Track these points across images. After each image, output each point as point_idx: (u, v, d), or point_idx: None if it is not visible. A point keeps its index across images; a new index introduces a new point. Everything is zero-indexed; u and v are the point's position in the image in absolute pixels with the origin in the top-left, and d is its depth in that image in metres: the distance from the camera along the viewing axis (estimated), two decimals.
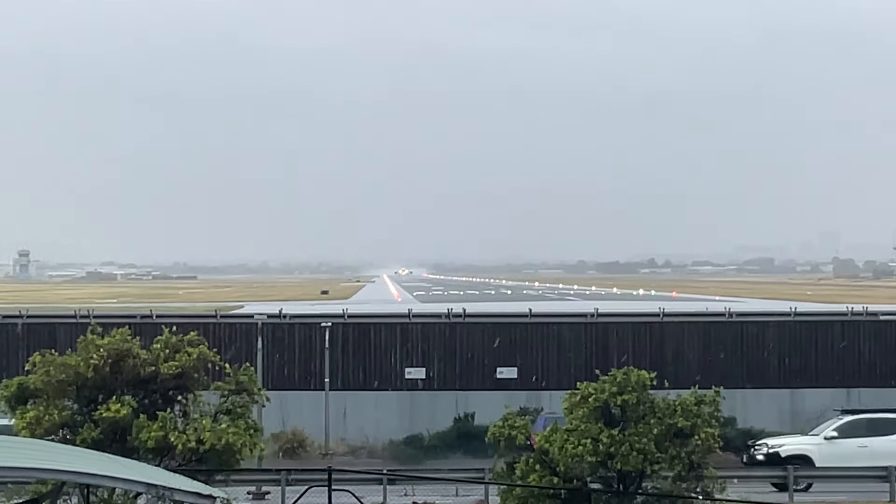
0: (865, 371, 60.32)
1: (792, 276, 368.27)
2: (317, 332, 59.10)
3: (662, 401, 30.17)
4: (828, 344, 60.96)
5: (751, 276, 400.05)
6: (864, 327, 61.56)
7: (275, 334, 59.90)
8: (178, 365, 30.63)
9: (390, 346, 60.57)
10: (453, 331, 60.99)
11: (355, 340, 60.51)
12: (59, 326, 59.80)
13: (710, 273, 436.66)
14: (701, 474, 29.97)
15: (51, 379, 30.32)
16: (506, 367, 60.04)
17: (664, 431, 29.52)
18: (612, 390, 29.95)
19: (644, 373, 30.37)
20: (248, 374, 31.75)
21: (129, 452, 28.81)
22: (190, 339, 31.43)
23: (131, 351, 30.83)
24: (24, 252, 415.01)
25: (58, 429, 29.85)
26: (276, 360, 59.18)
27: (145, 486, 19.10)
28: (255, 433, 30.93)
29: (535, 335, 60.91)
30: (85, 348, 30.80)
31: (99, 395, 30.48)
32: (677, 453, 29.46)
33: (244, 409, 31.13)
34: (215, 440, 29.38)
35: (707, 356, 59.90)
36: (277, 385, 55.45)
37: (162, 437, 29.36)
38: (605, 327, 61.46)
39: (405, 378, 60.05)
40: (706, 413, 30.07)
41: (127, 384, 30.57)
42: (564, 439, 29.48)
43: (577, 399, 30.44)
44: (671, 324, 61.83)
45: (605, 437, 29.21)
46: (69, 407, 30.58)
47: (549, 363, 60.12)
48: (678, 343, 60.41)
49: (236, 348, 57.06)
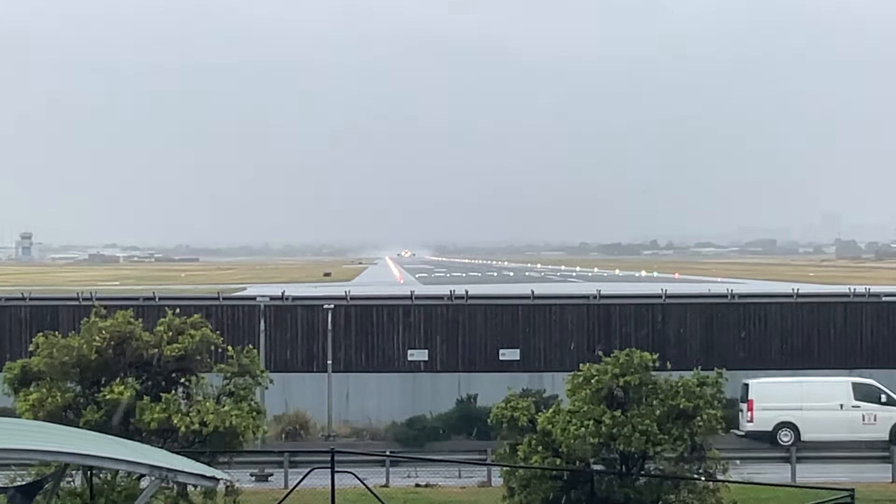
0: (868, 352, 60.37)
1: (794, 258, 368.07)
2: (319, 314, 59.16)
3: (665, 382, 30.18)
4: (830, 325, 61.00)
5: (753, 257, 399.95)
6: (866, 308, 61.60)
7: (277, 316, 59.96)
8: (181, 347, 30.62)
9: (393, 327, 60.64)
10: (456, 313, 61.04)
11: (358, 322, 60.58)
12: (61, 308, 59.88)
13: (713, 255, 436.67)
14: (703, 455, 29.99)
15: (54, 361, 30.32)
16: (508, 349, 60.11)
17: (667, 413, 29.53)
18: (615, 372, 29.96)
19: (647, 354, 30.37)
20: (251, 357, 31.75)
21: (132, 434, 28.83)
22: (193, 322, 31.42)
23: (134, 333, 30.82)
24: (26, 234, 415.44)
25: (61, 411, 29.84)
26: (278, 342, 59.26)
27: (148, 468, 19.10)
28: (257, 415, 30.92)
29: (537, 317, 60.96)
30: (88, 330, 30.79)
31: (102, 377, 30.49)
32: (680, 434, 29.47)
33: (247, 392, 31.13)
34: (218, 422, 29.38)
35: (710, 337, 59.97)
36: (280, 367, 55.58)
37: (165, 419, 29.37)
38: (607, 309, 61.50)
39: (408, 360, 60.13)
40: (709, 394, 30.07)
41: (129, 366, 30.57)
42: (567, 421, 29.50)
43: (580, 381, 30.46)
44: (673, 305, 61.86)
45: (608, 419, 29.23)
46: (72, 389, 30.60)
47: (552, 345, 60.18)
48: (680, 324, 60.47)
49: (239, 330, 57.13)
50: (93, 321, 31.07)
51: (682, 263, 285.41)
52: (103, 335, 30.64)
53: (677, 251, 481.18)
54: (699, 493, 29.47)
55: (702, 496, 29.42)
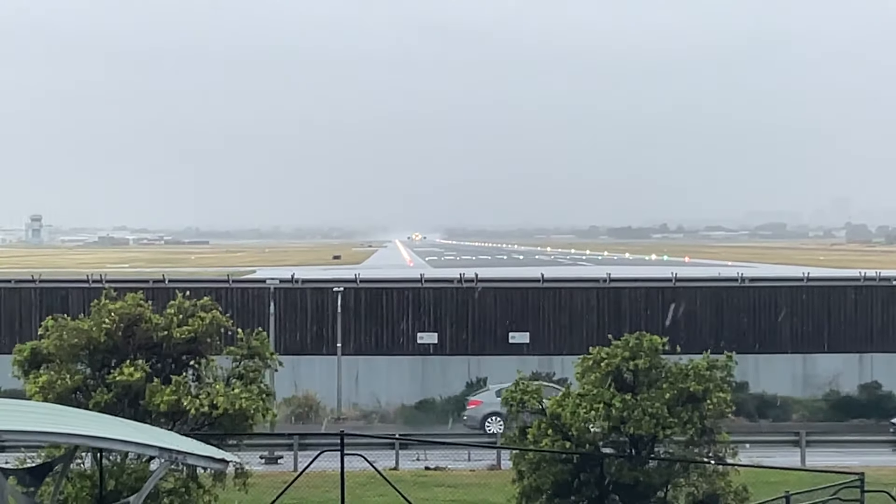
0: (878, 336, 60.30)
1: (804, 242, 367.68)
2: (329, 296, 59.20)
3: (675, 366, 30.14)
4: (840, 309, 60.92)
5: (763, 241, 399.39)
6: (876, 292, 61.50)
7: (287, 299, 59.99)
8: (191, 330, 30.59)
9: (402, 311, 60.65)
10: (465, 296, 61.03)
11: (367, 305, 60.59)
12: (71, 291, 59.99)
13: (723, 238, 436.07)
14: (713, 439, 29.95)
15: (63, 343, 30.31)
16: (518, 332, 60.11)
17: (676, 396, 29.49)
18: (625, 355, 29.92)
19: (656, 338, 30.32)
20: (261, 339, 31.72)
21: (142, 416, 28.85)
22: (203, 304, 31.40)
23: (144, 315, 30.80)
24: (36, 217, 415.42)
25: (70, 393, 29.84)
26: (288, 325, 59.31)
27: (158, 450, 19.13)
28: (267, 398, 30.90)
29: (547, 300, 60.95)
30: (98, 313, 30.78)
31: (112, 359, 30.50)
32: (689, 418, 29.44)
33: (257, 374, 31.12)
34: (228, 405, 29.37)
35: (720, 320, 59.95)
36: (290, 350, 55.59)
37: (175, 401, 29.37)
38: (617, 292, 61.47)
39: (417, 343, 60.15)
40: (718, 378, 30.02)
41: (139, 348, 30.56)
42: (577, 404, 29.46)
43: (590, 364, 30.42)
44: (683, 289, 61.80)
45: (618, 402, 29.20)
46: (82, 371, 30.60)
47: (562, 328, 60.16)
48: (690, 308, 60.42)
49: (249, 313, 57.16)
50: (103, 303, 31.06)
51: (692, 247, 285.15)
52: (113, 317, 30.62)
53: (687, 235, 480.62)
54: (709, 476, 29.45)
55: (711, 479, 29.40)
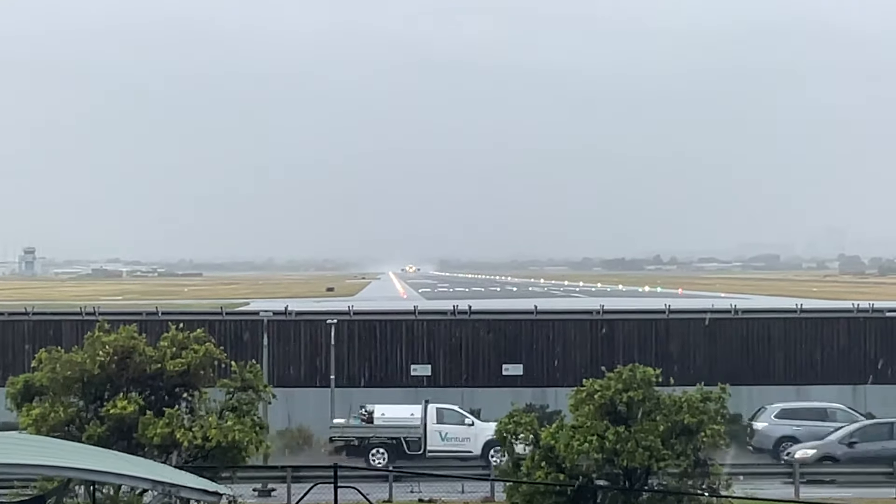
0: (871, 368, 60.30)
1: (798, 273, 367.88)
2: (322, 328, 59.12)
3: (668, 397, 30.15)
4: (834, 341, 60.93)
5: (756, 272, 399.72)
6: (870, 324, 61.52)
7: (280, 331, 59.92)
8: (185, 362, 30.65)
9: (396, 342, 60.62)
10: (459, 328, 61.02)
11: (361, 337, 60.55)
12: (64, 323, 59.84)
13: (716, 270, 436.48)
14: (707, 471, 29.96)
15: (57, 376, 30.34)
16: (511, 364, 60.07)
17: (670, 428, 29.50)
18: (618, 387, 29.94)
19: (650, 369, 30.35)
20: (254, 371, 31.77)
21: (135, 449, 28.83)
22: (196, 337, 31.44)
23: (137, 348, 30.84)
24: (29, 249, 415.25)
25: (64, 426, 29.86)
26: (281, 357, 59.21)
27: (151, 483, 19.11)
28: (260, 430, 30.93)
29: (540, 332, 60.93)
30: (91, 345, 30.82)
31: (105, 391, 30.50)
32: (683, 450, 29.44)
33: (250, 407, 31.15)
34: (221, 437, 29.39)
35: (714, 353, 59.94)
36: (283, 382, 55.51)
37: (168, 433, 29.37)
38: (610, 324, 61.46)
39: (411, 375, 60.08)
40: (712, 410, 30.05)
41: (133, 381, 30.58)
42: (570, 436, 29.47)
43: (583, 396, 30.44)
44: (677, 321, 61.80)
45: (612, 434, 29.20)
46: (75, 404, 30.60)
47: (555, 360, 60.13)
48: (684, 340, 60.42)
49: (242, 345, 57.10)
50: (96, 336, 31.11)
51: (685, 279, 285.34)
52: (107, 350, 30.67)
53: (680, 266, 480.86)
54: None
55: None
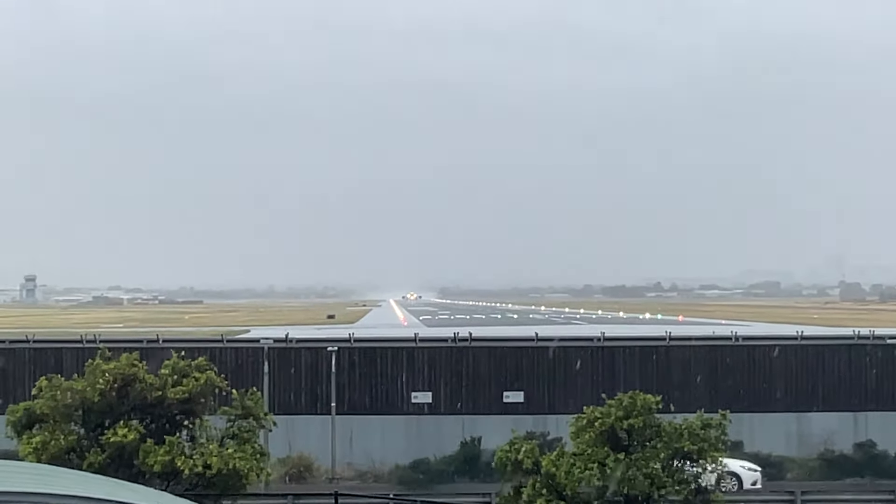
0: (872, 395, 60.21)
1: (798, 300, 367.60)
2: (323, 356, 59.08)
3: (669, 425, 30.14)
4: (834, 368, 60.87)
5: (757, 299, 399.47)
6: (870, 351, 61.47)
7: (281, 359, 59.87)
8: (186, 390, 30.66)
9: (397, 370, 60.56)
10: (459, 355, 60.98)
11: (361, 365, 60.50)
12: (65, 351, 59.78)
13: (717, 297, 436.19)
14: (708, 498, 29.94)
15: (57, 404, 30.34)
16: (512, 392, 60.00)
17: (671, 455, 29.49)
18: (619, 414, 29.94)
19: (650, 397, 30.35)
20: (255, 399, 31.76)
21: (136, 477, 28.81)
22: (198, 364, 31.47)
23: (138, 375, 30.85)
24: (30, 277, 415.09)
25: (64, 453, 29.84)
26: (282, 384, 59.15)
27: None
28: (261, 458, 30.92)
29: (541, 359, 60.88)
30: (92, 373, 30.83)
31: (105, 419, 30.48)
32: (684, 477, 29.41)
33: (251, 434, 31.14)
34: (222, 465, 29.38)
35: (714, 380, 59.87)
36: (284, 409, 55.47)
37: (169, 461, 29.36)
38: (611, 351, 61.41)
39: (411, 402, 60.01)
40: (713, 437, 30.05)
41: (134, 409, 30.58)
42: (571, 463, 29.46)
43: (584, 423, 30.43)
44: (677, 348, 61.75)
45: (612, 462, 29.19)
46: (76, 431, 30.58)
47: (556, 387, 60.07)
48: (685, 367, 60.36)
49: (243, 373, 57.05)
50: (96, 363, 31.12)
51: (686, 306, 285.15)
52: (107, 378, 30.68)
53: (681, 293, 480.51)
54: None
55: None
